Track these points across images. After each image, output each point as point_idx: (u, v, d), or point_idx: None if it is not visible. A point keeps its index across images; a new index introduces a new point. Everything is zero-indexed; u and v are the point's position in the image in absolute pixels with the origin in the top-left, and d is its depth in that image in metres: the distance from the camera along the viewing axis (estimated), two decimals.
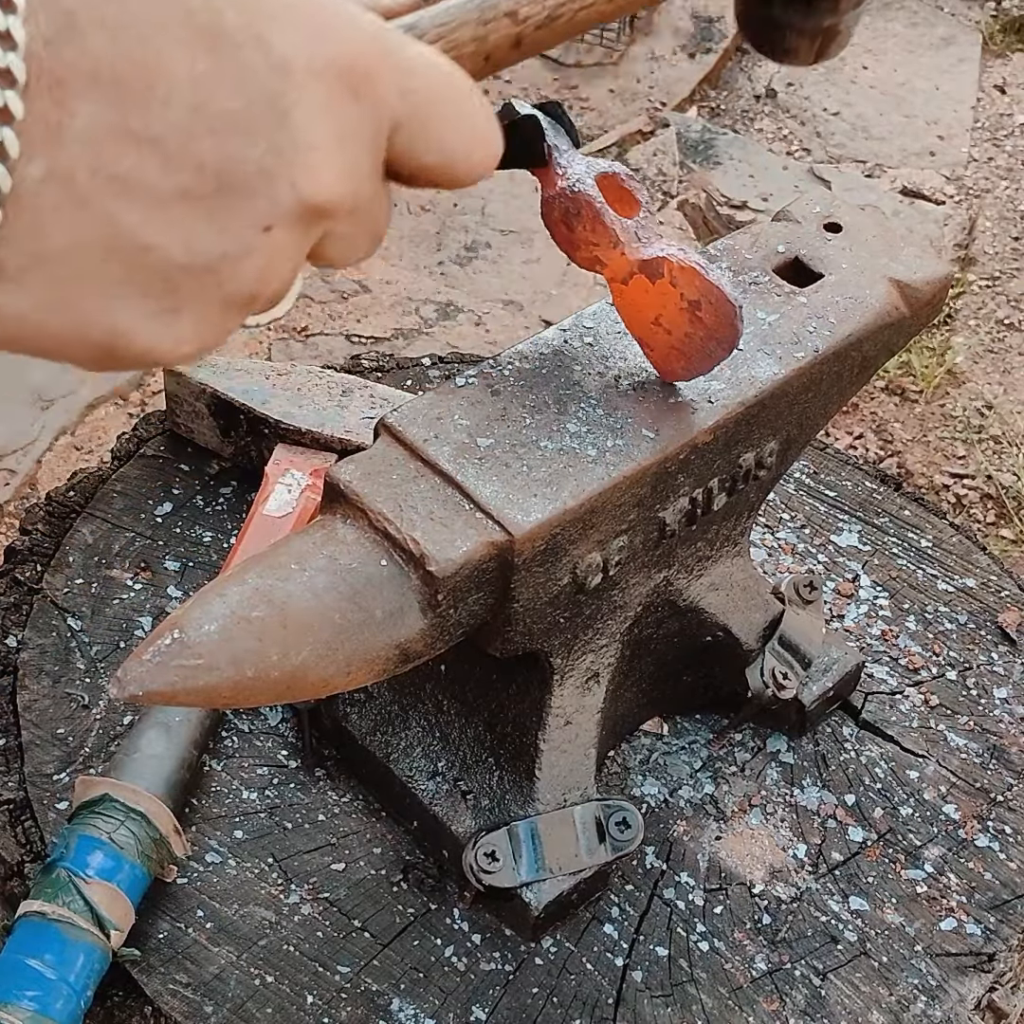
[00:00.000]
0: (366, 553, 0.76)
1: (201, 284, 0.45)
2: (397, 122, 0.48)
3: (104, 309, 0.44)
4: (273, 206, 0.44)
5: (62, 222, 0.41)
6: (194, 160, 0.42)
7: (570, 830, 0.91)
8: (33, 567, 1.10)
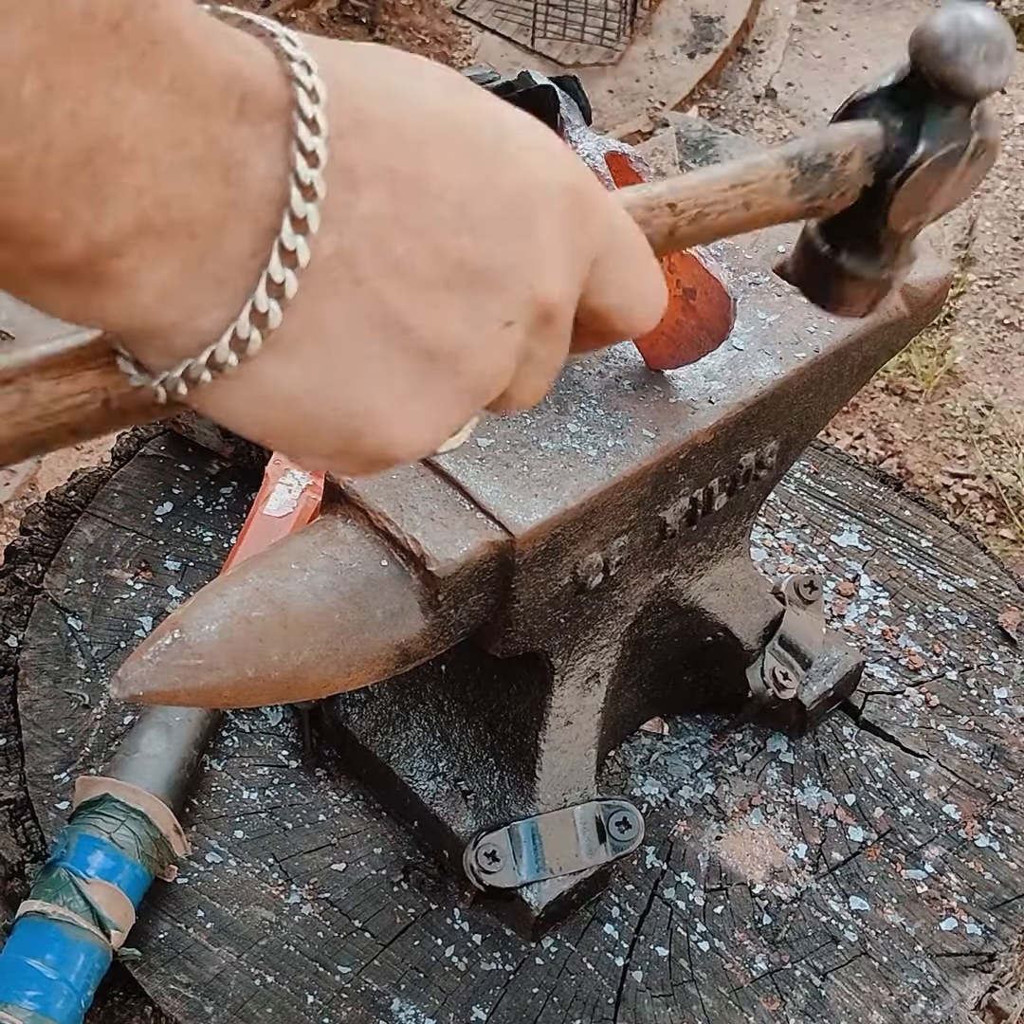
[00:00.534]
0: (366, 553, 0.76)
1: (444, 370, 0.48)
2: (600, 254, 0.52)
3: (360, 388, 0.47)
4: (515, 302, 0.48)
5: (340, 296, 0.45)
6: (456, 254, 0.46)
7: (570, 830, 0.91)
8: (34, 567, 1.10)
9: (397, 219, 0.45)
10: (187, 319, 0.44)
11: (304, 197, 0.43)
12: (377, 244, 0.45)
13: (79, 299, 0.43)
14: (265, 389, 0.46)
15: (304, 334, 0.45)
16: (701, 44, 3.55)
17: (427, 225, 0.46)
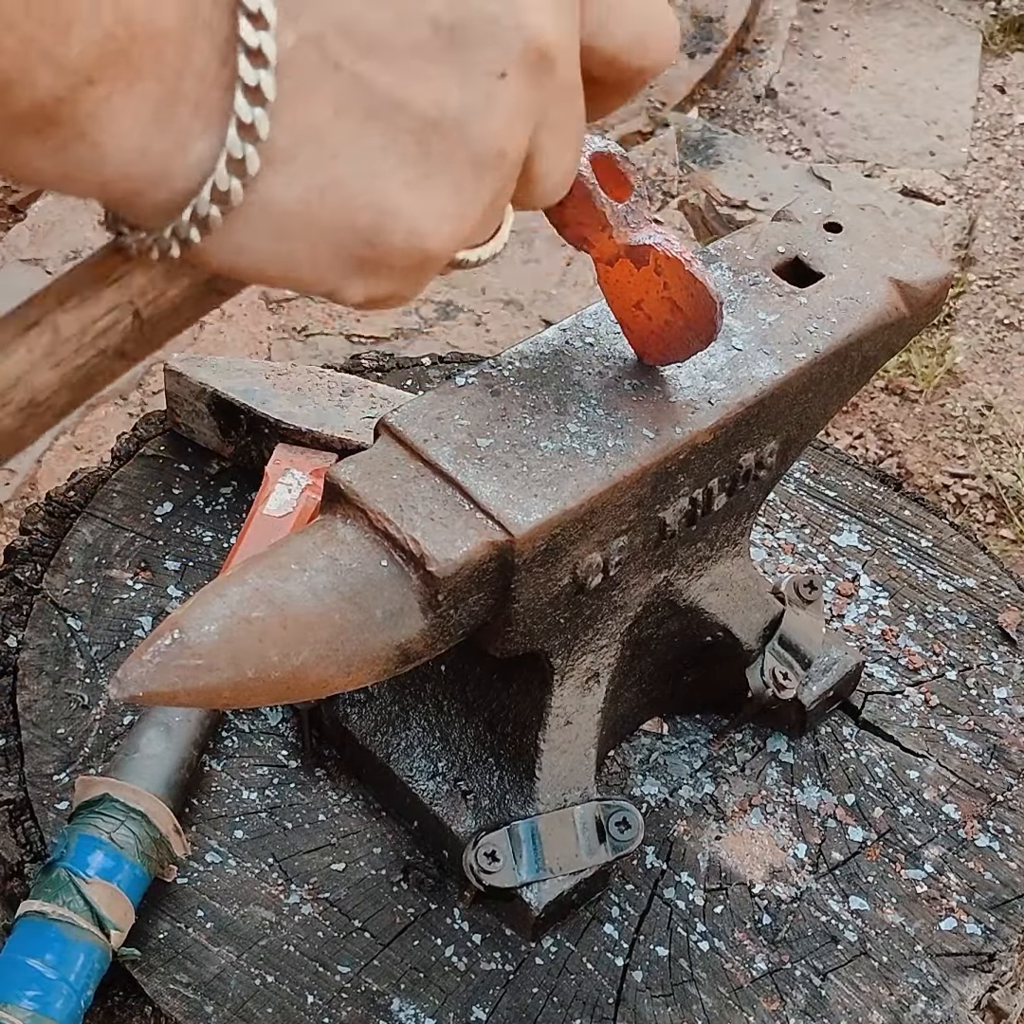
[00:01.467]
0: (366, 553, 0.76)
1: (451, 141, 0.45)
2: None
3: (369, 184, 0.44)
4: (505, 50, 0.45)
5: (321, 88, 0.43)
6: (427, 13, 0.44)
7: (570, 830, 0.91)
8: (33, 567, 1.10)
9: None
10: (176, 149, 0.42)
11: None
12: (343, 23, 0.43)
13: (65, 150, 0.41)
14: (277, 211, 0.44)
15: (298, 139, 0.43)
16: (701, 44, 3.55)
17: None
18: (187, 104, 0.42)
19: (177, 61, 0.41)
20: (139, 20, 0.40)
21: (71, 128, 0.41)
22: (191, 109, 0.42)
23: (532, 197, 0.51)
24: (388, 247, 0.46)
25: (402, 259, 0.46)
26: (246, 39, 0.41)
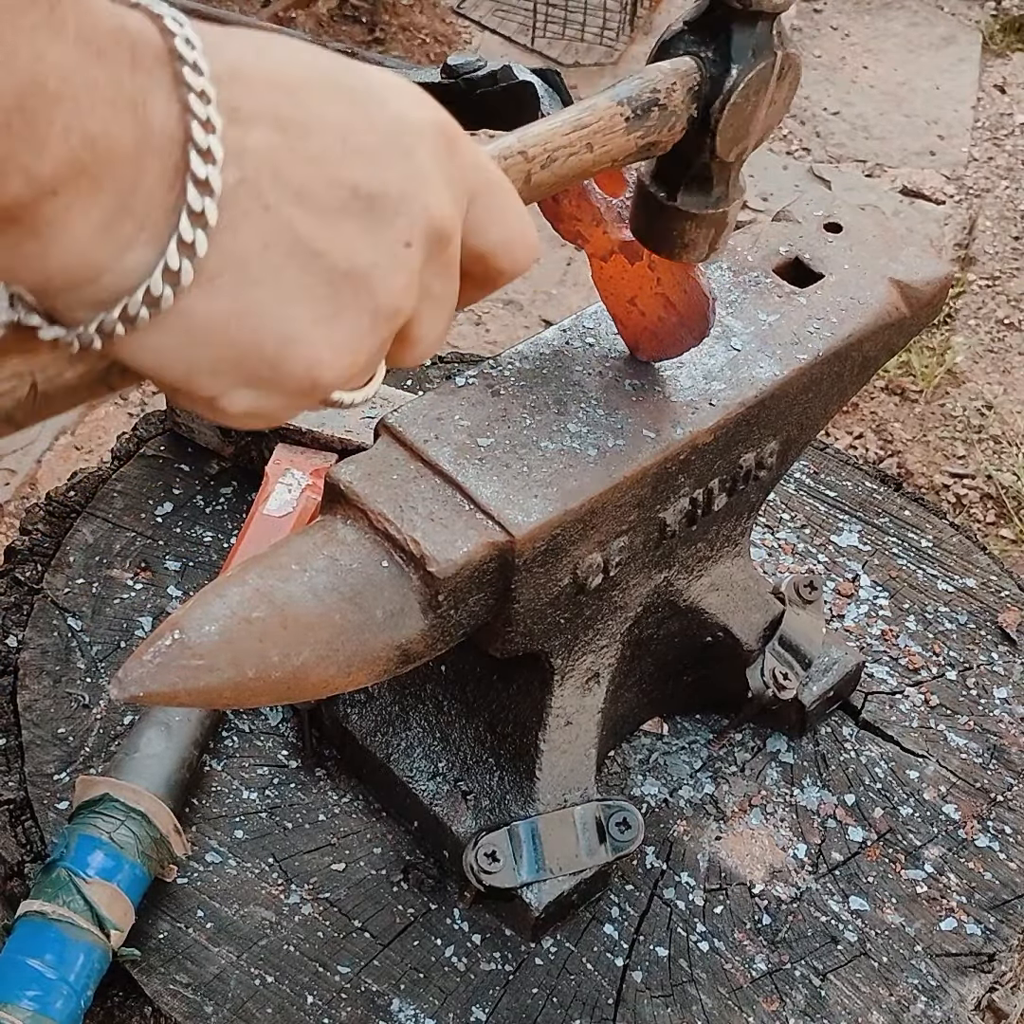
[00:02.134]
0: (367, 554, 0.76)
1: (356, 292, 0.52)
2: (474, 192, 0.57)
3: (281, 313, 0.50)
4: (412, 224, 0.52)
5: (253, 224, 0.49)
6: (349, 180, 0.51)
7: (570, 830, 0.91)
8: (33, 567, 1.10)
9: (288, 149, 0.49)
10: (118, 255, 0.48)
11: (205, 130, 0.47)
12: (276, 173, 0.49)
13: (20, 246, 0.47)
14: (196, 323, 0.49)
15: (228, 263, 0.49)
16: None
17: (317, 155, 0.50)
18: (134, 219, 0.47)
19: (131, 181, 0.47)
20: (101, 144, 0.46)
21: (28, 228, 0.46)
22: (137, 223, 0.47)
23: (405, 356, 0.58)
24: (286, 371, 0.52)
25: (295, 384, 0.52)
26: (196, 170, 0.47)
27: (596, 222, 0.82)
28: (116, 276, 0.48)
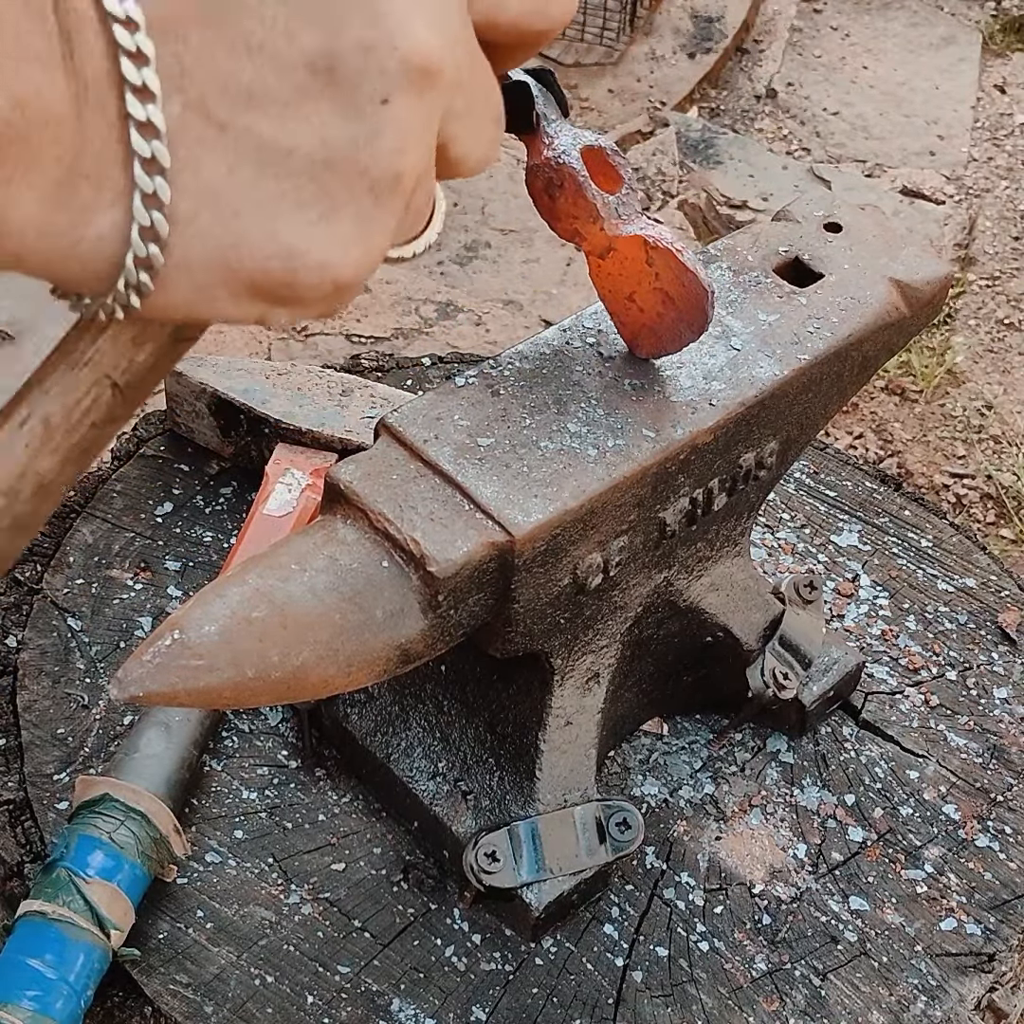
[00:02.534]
0: (366, 554, 0.76)
1: (345, 176, 0.46)
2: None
3: (272, 233, 0.46)
4: (382, 76, 0.46)
5: (212, 148, 0.44)
6: (301, 55, 0.45)
7: (570, 830, 0.91)
8: (33, 567, 1.10)
9: (230, 47, 0.44)
10: (82, 223, 0.44)
11: (136, 64, 0.43)
12: (221, 83, 0.44)
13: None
14: (196, 267, 0.46)
15: (198, 200, 0.45)
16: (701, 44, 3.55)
17: (260, 39, 0.44)
18: (87, 182, 0.44)
19: (74, 142, 0.43)
20: (33, 106, 0.41)
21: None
22: (92, 186, 0.44)
23: (459, 173, 0.52)
24: (303, 286, 0.48)
25: (318, 292, 0.48)
26: (134, 113, 0.43)
27: (593, 219, 0.82)
28: (92, 243, 0.45)
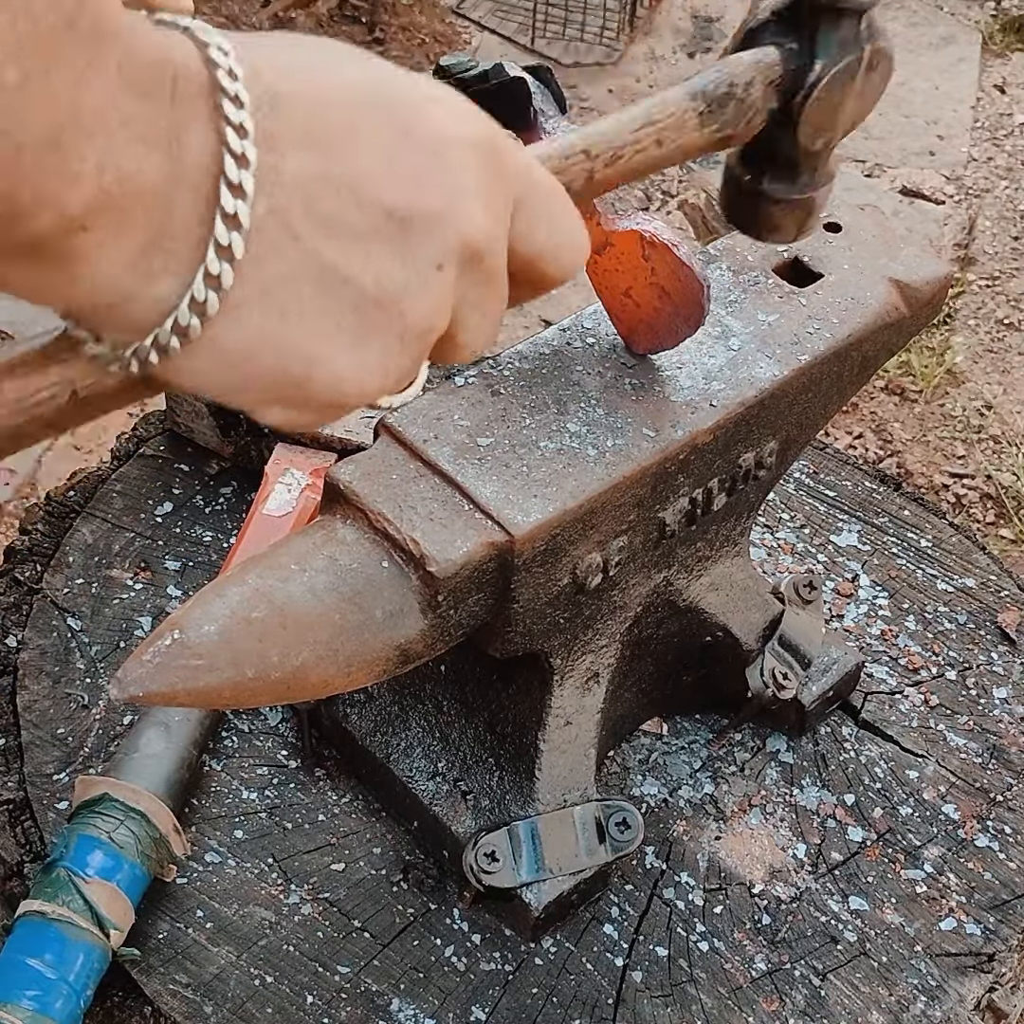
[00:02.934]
0: (366, 554, 0.76)
1: (385, 315, 0.52)
2: (520, 200, 0.57)
3: (307, 338, 0.51)
4: (445, 246, 0.52)
5: (280, 254, 0.49)
6: (383, 203, 0.51)
7: (570, 830, 0.91)
8: (33, 567, 1.10)
9: (324, 176, 0.49)
10: (145, 287, 0.48)
11: (238, 165, 0.47)
12: (308, 202, 0.49)
13: (47, 275, 0.47)
14: (225, 348, 0.50)
15: (253, 294, 0.49)
16: (701, 44, 3.55)
17: (353, 179, 0.50)
18: (161, 253, 0.48)
19: (161, 217, 0.47)
20: (133, 181, 0.45)
21: (55, 261, 0.46)
22: (164, 257, 0.48)
23: (452, 358, 0.58)
24: (314, 393, 0.52)
25: (323, 403, 0.53)
26: (225, 206, 0.47)
27: (590, 214, 0.82)
28: (143, 305, 0.48)
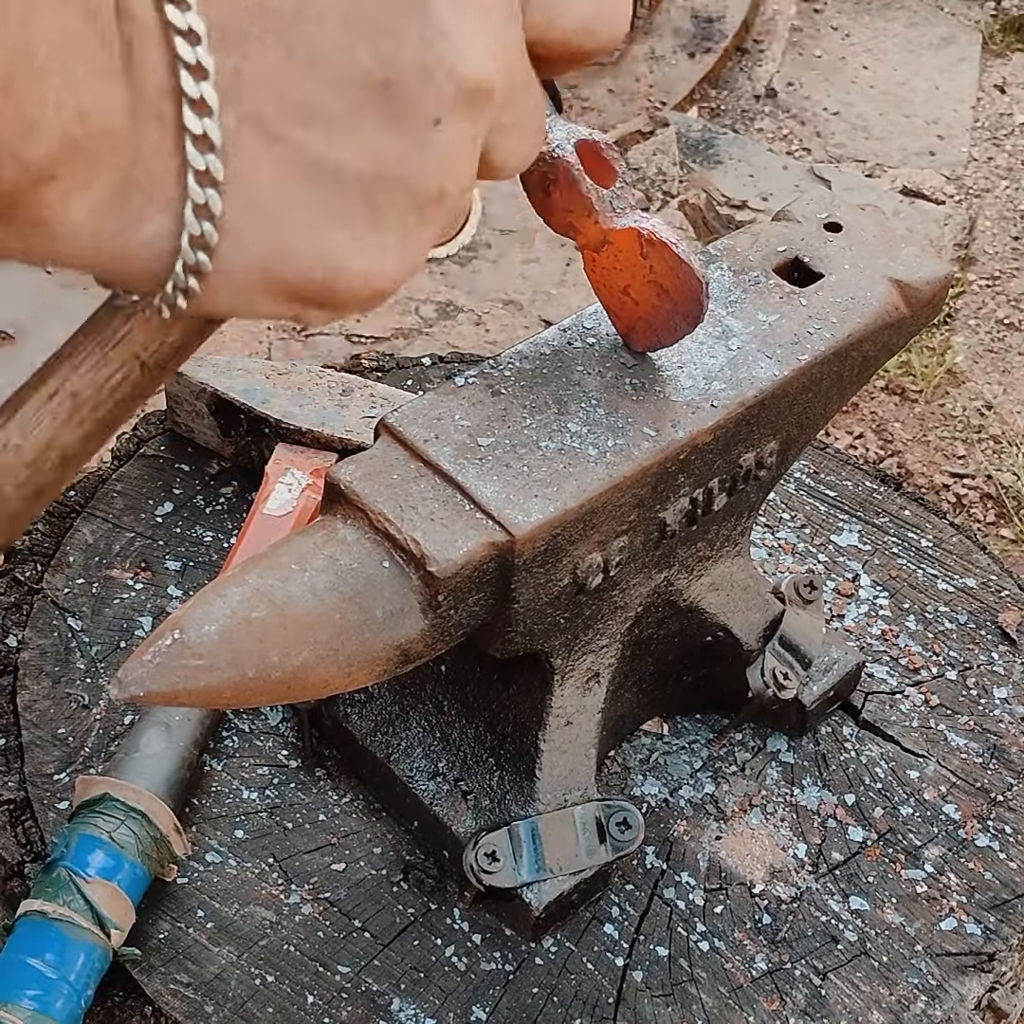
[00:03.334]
0: (367, 554, 0.76)
1: (391, 191, 0.47)
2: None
3: (318, 239, 0.47)
4: (437, 98, 0.47)
5: (263, 161, 0.45)
6: (358, 73, 0.45)
7: (570, 830, 0.91)
8: (33, 567, 1.10)
9: (288, 63, 0.45)
10: (132, 229, 0.45)
11: (195, 77, 0.43)
12: (278, 97, 0.45)
13: (26, 231, 0.44)
14: (240, 273, 0.47)
15: (247, 211, 0.46)
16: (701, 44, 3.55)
17: (318, 56, 0.45)
18: (140, 191, 0.44)
19: (129, 153, 0.44)
20: (93, 119, 0.42)
21: (28, 214, 0.43)
22: (144, 195, 0.45)
23: (498, 176, 0.54)
24: (343, 293, 0.49)
25: (356, 298, 0.50)
26: (191, 126, 0.44)
27: (587, 212, 0.82)
28: (140, 250, 0.46)
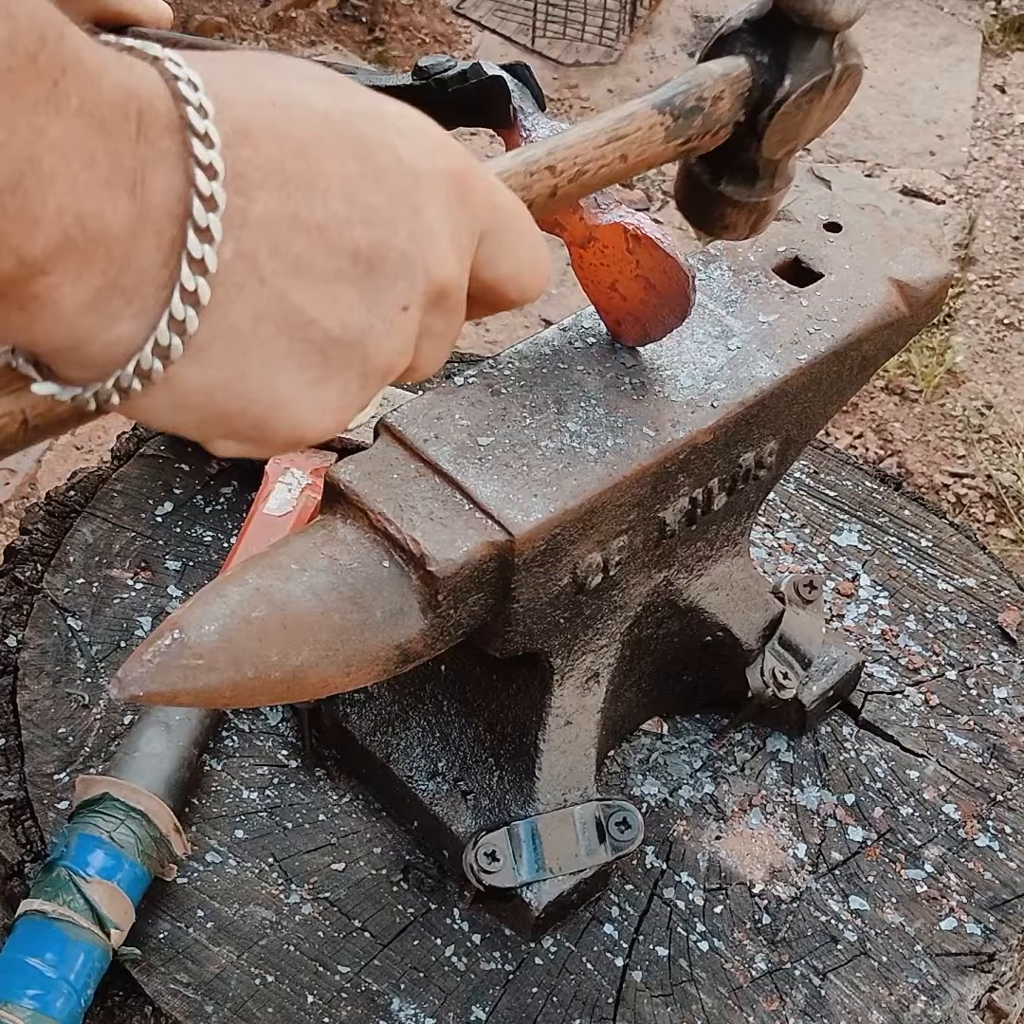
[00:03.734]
0: (366, 553, 0.76)
1: (349, 356, 0.51)
2: (485, 229, 0.57)
3: (268, 380, 0.50)
4: (411, 288, 0.52)
5: (246, 297, 0.48)
6: (351, 246, 0.50)
7: (570, 830, 0.91)
8: (33, 567, 1.10)
9: (291, 218, 0.48)
10: (105, 328, 0.47)
11: (206, 208, 0.46)
12: (275, 244, 0.48)
13: (5, 315, 0.46)
14: (185, 390, 0.49)
15: (217, 336, 0.48)
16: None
17: (320, 221, 0.49)
18: (122, 295, 0.46)
19: (122, 259, 0.46)
20: (93, 225, 0.44)
21: (13, 302, 0.45)
22: (125, 299, 0.46)
23: (407, 380, 0.58)
24: (271, 431, 0.52)
25: (279, 441, 0.53)
26: (192, 250, 0.46)
27: (573, 209, 0.82)
28: (103, 346, 0.47)
